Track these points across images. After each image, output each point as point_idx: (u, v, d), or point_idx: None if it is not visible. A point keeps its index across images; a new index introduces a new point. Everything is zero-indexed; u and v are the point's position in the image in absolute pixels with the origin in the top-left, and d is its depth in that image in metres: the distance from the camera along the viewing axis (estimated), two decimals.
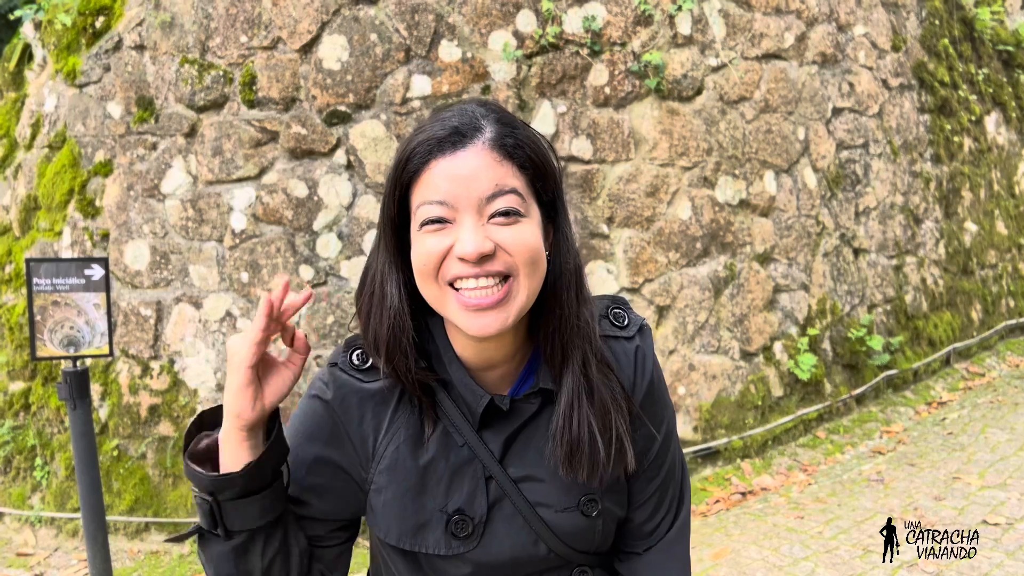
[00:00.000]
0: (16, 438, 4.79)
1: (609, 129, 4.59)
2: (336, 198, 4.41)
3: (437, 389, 1.13)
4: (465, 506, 1.13)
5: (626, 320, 1.22)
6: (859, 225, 5.67)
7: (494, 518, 1.15)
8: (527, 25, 4.50)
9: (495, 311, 1.02)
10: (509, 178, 1.01)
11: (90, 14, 4.71)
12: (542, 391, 1.13)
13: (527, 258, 1.02)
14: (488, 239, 1.00)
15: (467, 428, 1.13)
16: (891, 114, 6.05)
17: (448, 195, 1.00)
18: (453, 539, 1.13)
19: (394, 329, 1.08)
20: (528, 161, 1.04)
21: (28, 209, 4.97)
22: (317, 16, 4.39)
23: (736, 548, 3.78)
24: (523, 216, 1.02)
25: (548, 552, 1.16)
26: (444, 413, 1.14)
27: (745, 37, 4.98)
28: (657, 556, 1.26)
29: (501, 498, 1.14)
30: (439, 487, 1.13)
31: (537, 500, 1.15)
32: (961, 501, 4.06)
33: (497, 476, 1.14)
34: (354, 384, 1.14)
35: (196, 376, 4.45)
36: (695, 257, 4.72)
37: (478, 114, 1.03)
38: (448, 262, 1.01)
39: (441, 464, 1.13)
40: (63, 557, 4.34)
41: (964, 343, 6.37)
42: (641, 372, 1.20)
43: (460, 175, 1.00)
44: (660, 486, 1.25)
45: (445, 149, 1.00)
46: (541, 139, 1.08)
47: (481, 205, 1.00)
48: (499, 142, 1.01)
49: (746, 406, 4.76)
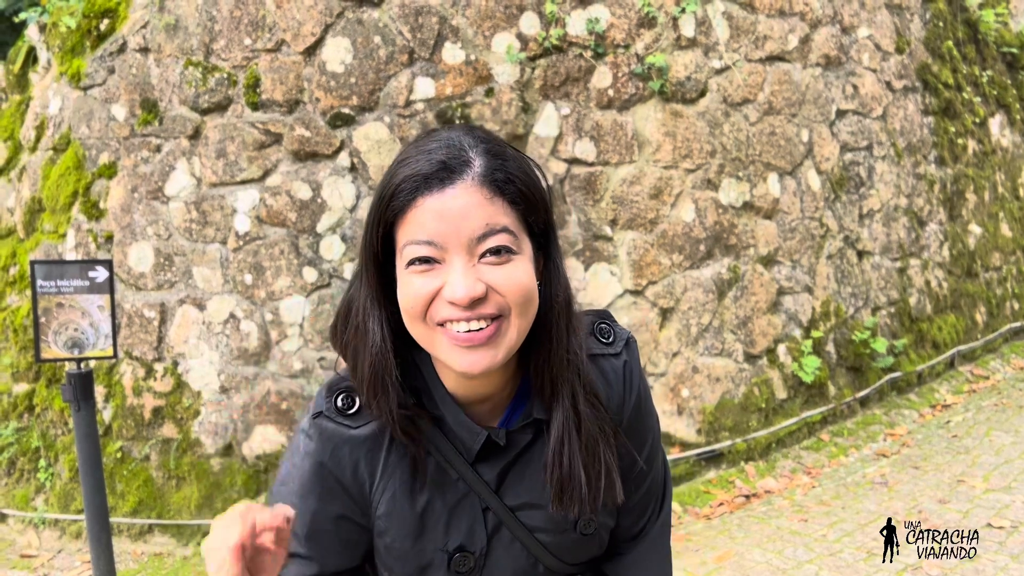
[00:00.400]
0: (20, 440, 4.80)
1: (613, 131, 4.59)
2: (340, 200, 4.42)
3: (428, 426, 1.09)
4: (466, 542, 1.13)
5: (612, 336, 1.20)
6: (863, 227, 5.66)
7: (494, 548, 1.15)
8: (531, 27, 4.51)
9: (485, 348, 0.98)
10: (500, 216, 0.96)
11: (94, 17, 4.72)
12: (535, 421, 1.11)
13: (519, 298, 0.98)
14: (479, 281, 0.96)
15: (461, 462, 1.10)
16: (895, 116, 6.04)
17: (436, 235, 0.95)
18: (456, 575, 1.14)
19: (376, 367, 1.03)
20: (519, 195, 0.99)
21: (32, 211, 4.98)
22: (321, 18, 4.40)
23: (740, 551, 3.77)
24: (515, 253, 0.98)
25: (546, 571, 1.18)
26: (437, 449, 1.10)
27: (749, 39, 4.98)
28: (640, 552, 1.28)
29: (499, 527, 1.14)
30: (438, 527, 1.12)
31: (535, 526, 1.15)
32: (966, 504, 4.05)
33: (494, 507, 1.13)
34: (342, 432, 1.09)
35: (199, 378, 4.45)
36: (699, 259, 4.72)
37: (466, 145, 0.98)
38: (437, 303, 0.97)
39: (438, 504, 1.11)
40: (67, 559, 4.35)
41: (968, 346, 6.35)
42: (629, 388, 1.19)
43: (449, 214, 0.94)
44: (644, 496, 1.27)
45: (432, 186, 0.95)
46: (531, 167, 1.04)
47: (472, 245, 0.95)
48: (489, 177, 0.96)
49: (750, 409, 4.75)
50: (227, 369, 4.43)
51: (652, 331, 4.61)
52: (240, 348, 4.42)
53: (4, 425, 4.89)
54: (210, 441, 4.40)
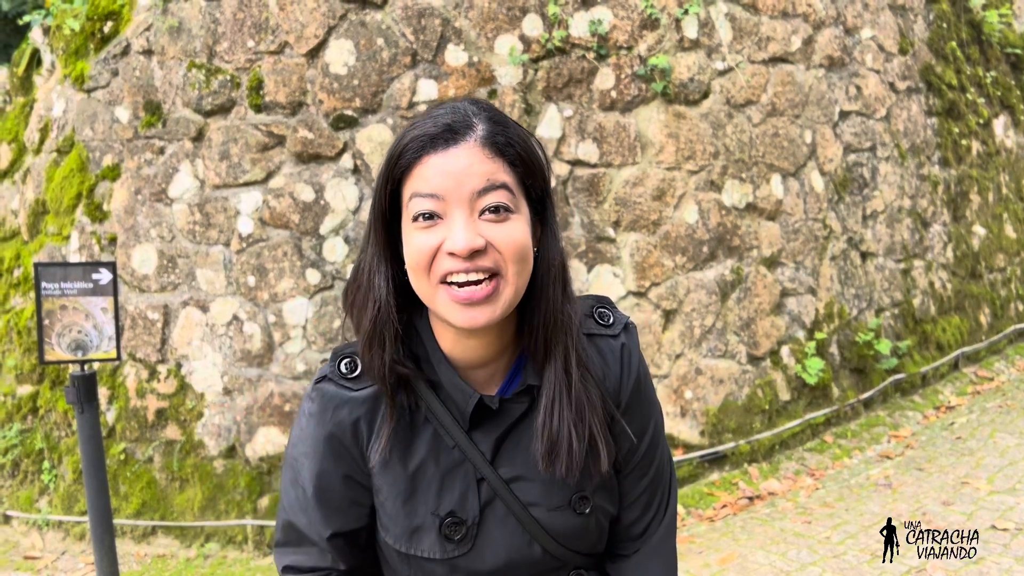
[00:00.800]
0: (24, 441, 4.81)
1: (615, 133, 4.59)
2: (343, 202, 4.42)
3: (426, 391, 1.13)
4: (457, 508, 1.14)
5: (611, 319, 1.23)
6: (867, 229, 5.65)
7: (487, 520, 1.15)
8: (533, 29, 4.51)
9: (484, 305, 1.03)
10: (500, 173, 1.03)
11: (98, 19, 4.73)
12: (530, 389, 1.14)
13: (516, 256, 1.03)
14: (479, 235, 1.01)
15: (457, 430, 1.13)
16: (899, 117, 6.03)
17: (440, 188, 1.01)
18: (447, 542, 1.13)
19: (377, 320, 1.08)
20: (518, 158, 1.05)
21: (36, 213, 4.99)
22: (324, 21, 4.40)
23: (743, 553, 3.76)
24: (513, 212, 1.04)
25: (543, 553, 1.16)
26: (433, 416, 1.14)
27: (752, 40, 4.97)
28: (645, 556, 1.27)
29: (493, 499, 1.15)
30: (430, 490, 1.14)
31: (529, 500, 1.15)
32: (970, 506, 4.03)
33: (488, 477, 1.14)
34: (343, 394, 1.14)
35: (203, 380, 4.46)
36: (702, 261, 4.72)
37: (470, 112, 1.05)
38: (439, 258, 1.02)
39: (431, 467, 1.14)
40: (70, 560, 4.35)
41: (973, 347, 6.34)
42: (628, 369, 1.21)
43: (451, 170, 1.01)
44: (649, 485, 1.26)
45: (438, 145, 1.02)
46: (530, 137, 1.10)
47: (472, 199, 1.01)
48: (490, 139, 1.03)
49: (753, 410, 4.74)
50: (230, 371, 4.43)
51: (655, 333, 4.60)
52: (243, 350, 4.42)
53: (8, 427, 4.90)
54: (213, 443, 4.41)
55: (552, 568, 1.19)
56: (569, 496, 1.16)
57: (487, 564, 1.15)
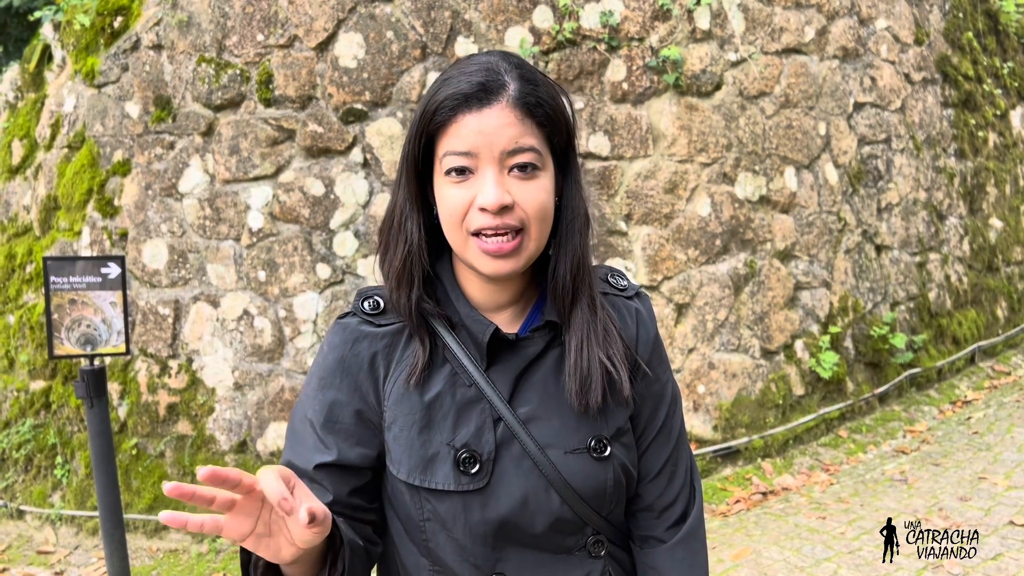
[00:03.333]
0: (37, 437, 4.82)
1: (627, 125, 4.55)
2: (353, 196, 4.40)
3: (444, 330, 1.17)
4: (472, 441, 1.14)
5: (624, 282, 1.31)
6: (881, 221, 5.59)
7: (502, 458, 1.14)
8: (544, 21, 4.47)
9: (509, 257, 1.10)
10: (528, 136, 1.08)
11: (108, 14, 4.73)
12: (548, 325, 1.18)
13: (538, 214, 1.10)
14: (507, 192, 1.08)
15: (474, 369, 1.16)
16: (914, 109, 5.96)
17: (473, 147, 1.07)
18: (461, 475, 1.13)
19: (408, 261, 1.15)
20: (546, 118, 1.11)
21: (48, 209, 4.99)
22: (333, 14, 4.38)
23: (757, 548, 3.73)
24: (539, 170, 1.10)
25: (560, 504, 1.15)
26: (452, 355, 1.17)
27: (765, 31, 4.92)
28: (680, 551, 1.24)
29: (509, 439, 1.15)
30: (445, 422, 1.15)
31: (546, 441, 1.15)
32: (987, 502, 3.98)
33: (505, 417, 1.15)
34: (365, 329, 1.19)
35: (214, 375, 4.45)
36: (715, 254, 4.67)
37: (502, 69, 1.09)
38: (472, 213, 1.09)
39: (447, 399, 1.15)
40: (83, 555, 4.36)
41: (989, 341, 6.27)
42: (644, 328, 1.27)
43: (485, 130, 1.06)
44: (671, 457, 1.27)
45: (472, 105, 1.07)
46: (558, 92, 1.15)
47: (503, 158, 1.07)
48: (522, 100, 1.08)
49: (767, 405, 4.70)
50: (241, 366, 4.43)
51: (667, 327, 4.57)
52: (254, 345, 4.41)
53: (21, 422, 4.92)
54: (224, 438, 4.41)
55: (571, 527, 1.17)
56: (587, 439, 1.17)
57: (502, 505, 1.13)
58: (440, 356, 1.17)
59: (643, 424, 1.24)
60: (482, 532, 1.14)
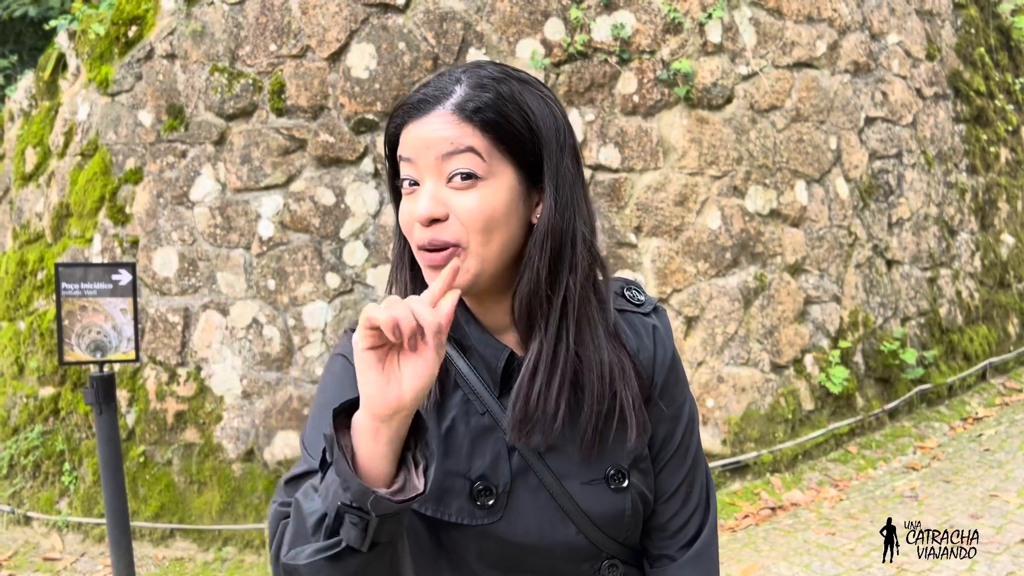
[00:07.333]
0: (45, 443, 4.83)
1: (637, 137, 4.55)
2: (363, 206, 4.41)
3: (456, 356, 1.12)
4: (488, 473, 1.10)
5: (642, 299, 1.23)
6: (892, 236, 5.57)
7: (518, 489, 1.10)
8: (555, 33, 4.49)
9: None
10: (466, 137, 1.02)
11: (123, 24, 4.76)
12: None
13: (478, 226, 1.02)
14: (442, 203, 1.02)
15: (486, 395, 1.11)
16: (925, 124, 5.95)
17: (413, 153, 1.04)
18: (477, 508, 1.09)
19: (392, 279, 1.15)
20: (490, 122, 1.02)
21: (60, 216, 5.02)
22: (346, 25, 4.40)
23: (766, 564, 3.70)
24: (482, 179, 1.02)
25: (576, 533, 1.12)
26: (464, 380, 1.11)
27: (776, 45, 4.92)
28: (688, 570, 1.21)
29: (525, 469, 1.11)
30: (460, 452, 1.10)
31: (562, 471, 1.11)
32: (999, 519, 3.95)
33: (520, 446, 1.10)
34: None
35: (222, 383, 4.46)
36: (724, 267, 4.66)
37: (455, 79, 1.05)
38: (416, 226, 1.04)
39: (461, 429, 1.11)
40: (89, 562, 4.36)
41: (1001, 358, 6.22)
42: (662, 347, 1.19)
43: (421, 136, 1.03)
44: (687, 477, 1.22)
45: (414, 115, 1.04)
46: (525, 100, 1.06)
47: (439, 164, 1.02)
48: (461, 106, 1.02)
49: (776, 419, 4.67)
50: (249, 374, 4.43)
51: (677, 340, 4.55)
52: (263, 353, 4.42)
53: (30, 428, 4.93)
54: (232, 446, 4.41)
55: (586, 554, 1.14)
56: (604, 470, 1.12)
57: (517, 535, 1.10)
58: (451, 382, 1.12)
59: (658, 444, 1.20)
60: (495, 561, 1.12)
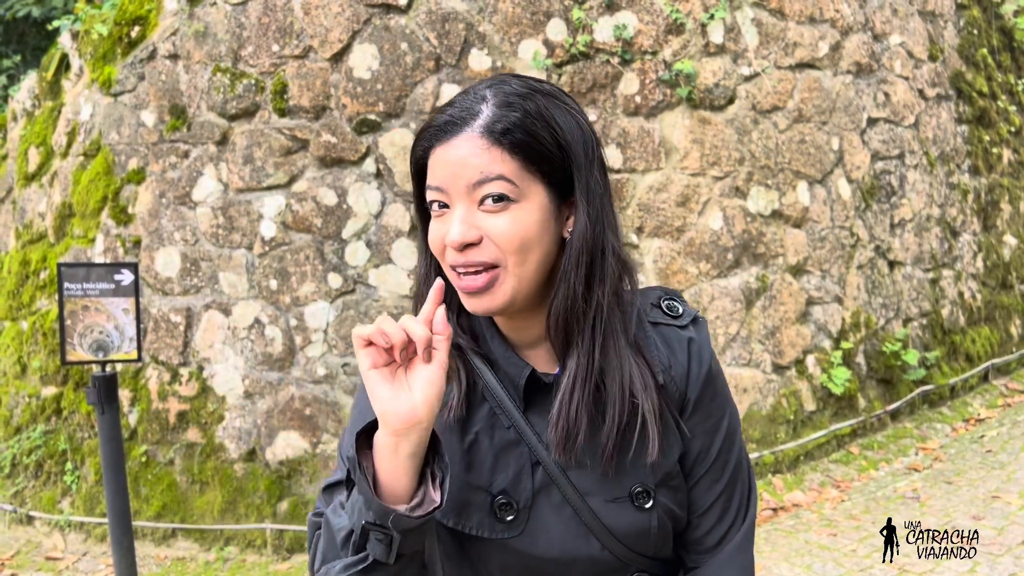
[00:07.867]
0: (47, 443, 4.84)
1: (639, 138, 4.56)
2: (365, 206, 4.42)
3: (483, 368, 1.12)
4: (510, 488, 1.10)
5: (680, 310, 1.19)
6: (894, 237, 5.57)
7: (540, 505, 1.10)
8: (557, 34, 4.49)
9: (483, 295, 1.04)
10: (495, 164, 1.01)
11: (126, 24, 4.77)
12: None
13: (513, 247, 1.02)
14: (474, 227, 1.02)
15: (513, 409, 1.11)
16: (928, 125, 5.95)
17: (442, 181, 1.03)
18: (497, 522, 1.09)
19: (417, 293, 1.14)
20: (519, 145, 1.01)
21: (63, 216, 5.03)
22: (348, 25, 4.41)
23: (767, 565, 3.70)
24: (514, 201, 1.02)
25: (601, 549, 1.11)
26: (490, 394, 1.11)
27: (778, 46, 4.92)
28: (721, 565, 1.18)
29: (548, 485, 1.10)
30: (484, 466, 1.10)
31: (586, 488, 1.10)
32: (1001, 521, 3.94)
33: (544, 461, 1.10)
34: None
35: (224, 383, 4.46)
36: (726, 268, 4.66)
37: (480, 97, 1.04)
38: (448, 248, 1.04)
39: (485, 443, 1.11)
40: (91, 562, 4.37)
41: (1003, 359, 6.22)
42: (697, 361, 1.15)
43: (450, 162, 1.02)
44: (725, 490, 1.18)
45: (441, 137, 1.03)
46: (552, 118, 1.04)
47: (470, 191, 1.02)
48: (489, 128, 1.01)
49: (778, 420, 4.67)
50: (251, 374, 4.44)
51: None
52: (264, 353, 4.42)
53: (32, 428, 4.94)
54: (234, 446, 4.41)
55: (613, 567, 1.13)
56: (628, 488, 1.11)
57: (539, 550, 1.10)
58: (478, 395, 1.12)
59: (692, 459, 1.16)
60: (518, 572, 1.12)
